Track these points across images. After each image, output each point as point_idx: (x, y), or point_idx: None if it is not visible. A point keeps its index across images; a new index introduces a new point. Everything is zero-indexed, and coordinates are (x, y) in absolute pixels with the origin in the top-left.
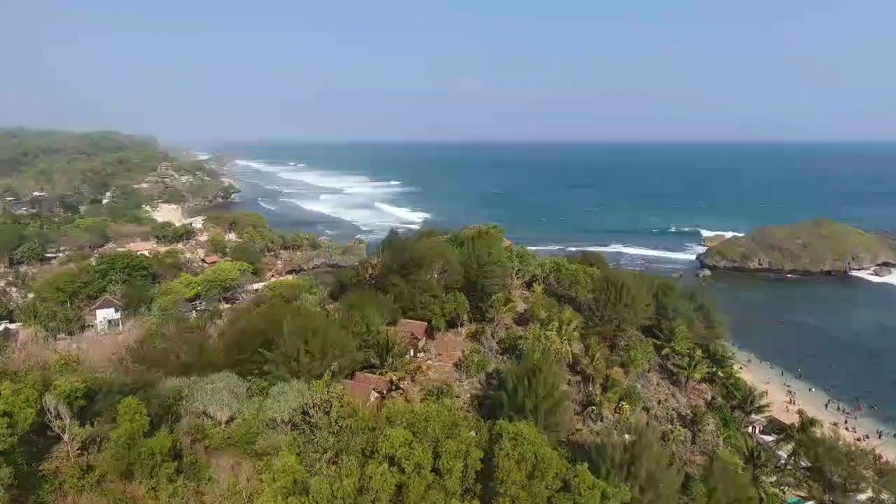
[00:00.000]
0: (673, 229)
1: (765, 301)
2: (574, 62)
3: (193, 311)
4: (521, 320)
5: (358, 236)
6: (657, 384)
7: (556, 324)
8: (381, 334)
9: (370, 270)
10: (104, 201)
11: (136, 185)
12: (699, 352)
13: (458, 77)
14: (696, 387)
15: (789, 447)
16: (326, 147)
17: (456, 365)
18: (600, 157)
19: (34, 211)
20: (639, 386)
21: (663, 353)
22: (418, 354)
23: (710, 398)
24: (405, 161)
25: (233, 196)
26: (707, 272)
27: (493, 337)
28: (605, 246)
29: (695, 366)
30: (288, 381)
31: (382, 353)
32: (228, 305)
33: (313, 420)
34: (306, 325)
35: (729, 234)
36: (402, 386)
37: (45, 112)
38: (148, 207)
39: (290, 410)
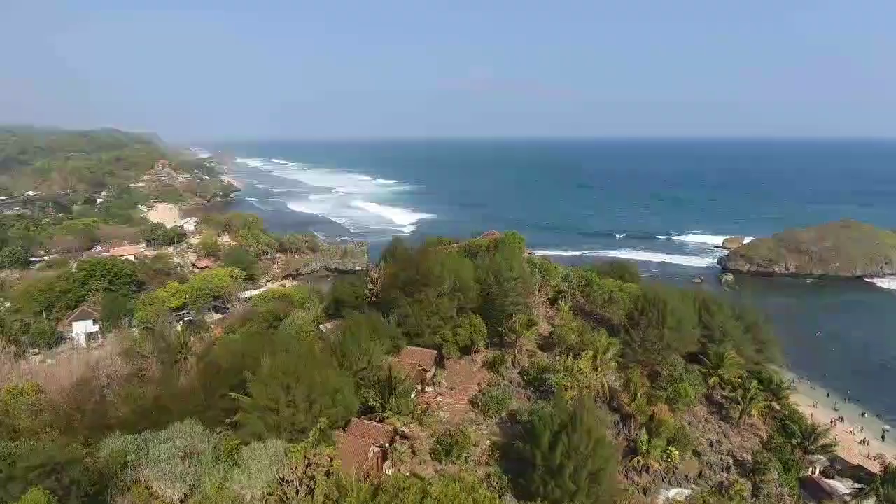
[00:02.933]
0: (687, 232)
1: (795, 309)
2: (579, 59)
3: (180, 323)
4: (547, 345)
5: (343, 238)
6: (705, 421)
7: (591, 352)
8: (383, 369)
9: (370, 286)
10: (98, 201)
11: (132, 184)
12: (755, 383)
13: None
14: (748, 421)
15: (871, 502)
16: (328, 145)
17: (472, 402)
18: (607, 155)
19: (24, 211)
20: (687, 426)
21: (710, 382)
22: (427, 389)
23: (765, 437)
24: (406, 159)
25: (232, 195)
26: (730, 277)
27: (515, 366)
28: (616, 251)
29: (751, 399)
30: (264, 440)
31: (384, 393)
32: (220, 316)
33: (293, 501)
34: (289, 365)
35: (748, 239)
36: (408, 432)
37: (52, 111)
38: (143, 207)
39: (263, 484)
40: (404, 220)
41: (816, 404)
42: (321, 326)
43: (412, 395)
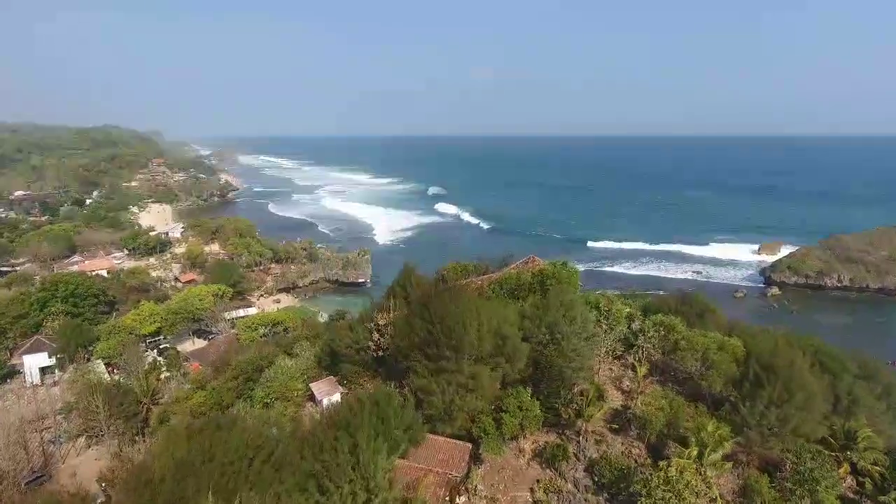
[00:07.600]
0: (711, 240)
1: (856, 330)
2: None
3: (153, 352)
4: (617, 420)
5: (321, 245)
6: None
7: (694, 448)
8: (393, 487)
9: (375, 336)
10: (88, 201)
11: (125, 184)
12: None
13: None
14: None
15: None
16: (328, 142)
17: None
18: (606, 154)
19: (10, 213)
20: None
21: (841, 472)
22: (458, 499)
23: None
24: (407, 157)
25: (230, 194)
26: (776, 291)
27: (580, 459)
28: (633, 263)
29: None
30: None
31: None
32: (201, 342)
33: None
34: None
35: (786, 247)
36: None
37: (57, 110)
38: (135, 208)
39: None
40: (402, 223)
41: None
42: (311, 385)
43: None
